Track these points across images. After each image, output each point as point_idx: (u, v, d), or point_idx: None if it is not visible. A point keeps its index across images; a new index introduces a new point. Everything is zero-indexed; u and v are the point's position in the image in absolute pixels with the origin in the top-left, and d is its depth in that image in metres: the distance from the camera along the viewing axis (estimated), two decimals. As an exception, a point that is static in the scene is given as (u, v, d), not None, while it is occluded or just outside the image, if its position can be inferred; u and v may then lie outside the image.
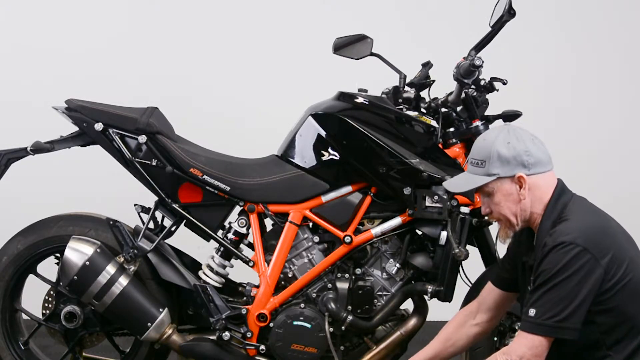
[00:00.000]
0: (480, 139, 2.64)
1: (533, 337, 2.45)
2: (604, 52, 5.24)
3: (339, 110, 3.27)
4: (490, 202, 2.59)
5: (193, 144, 3.42)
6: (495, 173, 2.54)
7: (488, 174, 2.55)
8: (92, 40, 4.98)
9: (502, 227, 2.63)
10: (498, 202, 2.56)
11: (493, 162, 2.54)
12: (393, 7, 5.15)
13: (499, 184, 2.55)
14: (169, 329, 3.25)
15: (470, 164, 2.61)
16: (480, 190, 2.61)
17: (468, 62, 3.13)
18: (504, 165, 2.53)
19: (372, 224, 3.29)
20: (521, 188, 2.53)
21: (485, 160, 2.55)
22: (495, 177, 2.54)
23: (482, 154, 2.57)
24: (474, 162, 2.59)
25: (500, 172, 2.54)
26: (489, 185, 2.56)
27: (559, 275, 2.41)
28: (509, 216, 2.57)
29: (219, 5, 5.09)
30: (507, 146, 2.53)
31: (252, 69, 5.05)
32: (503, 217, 2.58)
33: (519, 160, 2.53)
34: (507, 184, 2.54)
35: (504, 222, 2.60)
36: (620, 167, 5.18)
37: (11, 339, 3.42)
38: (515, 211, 2.56)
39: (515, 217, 2.57)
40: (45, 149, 3.31)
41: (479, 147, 2.60)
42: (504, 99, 3.32)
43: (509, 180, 2.54)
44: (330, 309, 3.21)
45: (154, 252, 3.29)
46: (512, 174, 2.53)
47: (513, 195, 2.55)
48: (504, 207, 2.56)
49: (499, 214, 2.59)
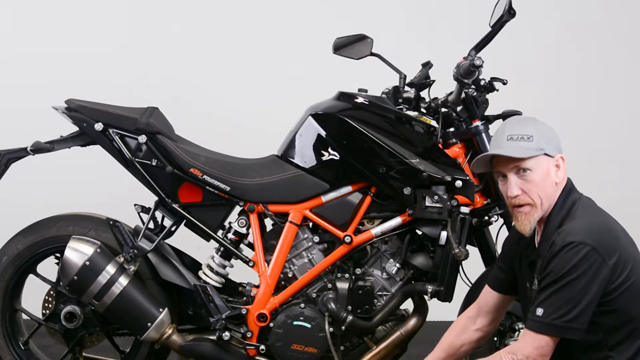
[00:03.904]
0: (514, 121, 2.61)
1: (540, 337, 2.44)
2: (604, 52, 5.24)
3: (339, 110, 3.27)
4: (525, 181, 2.52)
5: (193, 144, 3.42)
6: (543, 148, 2.51)
7: (538, 148, 2.51)
8: (92, 40, 4.98)
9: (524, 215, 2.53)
10: (537, 180, 2.51)
11: (540, 139, 2.51)
12: (393, 7, 5.16)
13: (542, 161, 2.52)
14: (169, 329, 3.25)
15: (512, 139, 2.54)
16: (517, 167, 2.52)
17: (468, 62, 3.13)
18: (549, 144, 2.52)
19: (372, 224, 3.29)
20: (558, 170, 2.52)
21: (533, 135, 2.52)
22: (542, 152, 2.51)
23: (528, 130, 2.53)
24: (517, 137, 2.53)
25: (547, 149, 2.52)
26: (532, 160, 2.51)
27: (568, 276, 2.40)
28: (542, 198, 2.51)
29: (219, 6, 5.10)
30: (548, 129, 2.54)
31: (252, 69, 5.05)
32: (538, 198, 2.51)
33: (556, 143, 2.54)
34: (547, 163, 2.52)
35: (535, 205, 2.52)
36: (622, 168, 5.18)
37: (11, 339, 3.42)
38: (548, 194, 2.52)
39: (547, 200, 2.52)
40: (45, 149, 3.31)
41: (520, 125, 2.56)
42: (504, 99, 3.32)
43: (550, 160, 2.52)
44: (330, 309, 3.21)
45: (154, 252, 3.28)
46: (554, 154, 2.53)
47: (550, 176, 2.52)
48: (540, 186, 2.51)
49: (534, 194, 2.51)
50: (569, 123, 5.02)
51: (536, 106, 4.66)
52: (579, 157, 4.87)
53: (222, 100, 5.01)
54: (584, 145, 5.07)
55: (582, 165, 4.77)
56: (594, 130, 5.17)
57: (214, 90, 5.01)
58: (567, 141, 2.75)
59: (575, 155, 4.75)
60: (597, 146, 5.17)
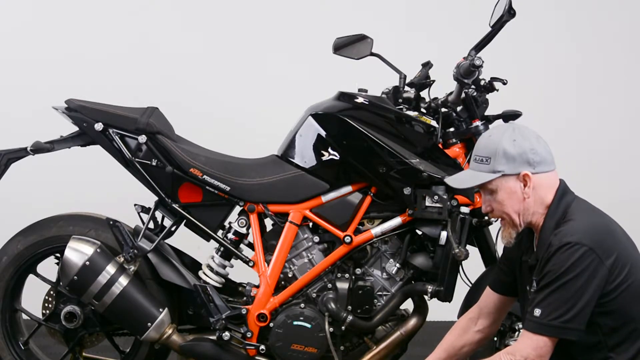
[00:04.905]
0: (485, 136, 2.62)
1: (538, 338, 2.43)
2: (604, 51, 5.23)
3: (339, 110, 3.27)
4: (492, 200, 2.57)
5: (193, 144, 3.42)
6: (500, 170, 2.52)
7: (493, 170, 2.52)
8: (92, 40, 4.98)
9: (505, 227, 2.59)
10: (501, 200, 2.54)
11: (498, 159, 2.52)
12: (393, 7, 5.15)
13: (503, 181, 2.52)
14: (169, 329, 3.25)
15: (474, 161, 2.59)
16: (482, 188, 2.58)
17: (468, 62, 3.13)
18: (509, 163, 2.51)
19: (372, 224, 3.29)
20: (525, 186, 2.52)
21: (491, 157, 2.53)
22: (500, 174, 2.52)
23: (487, 151, 2.54)
24: (478, 159, 2.57)
25: (506, 169, 2.52)
26: (492, 183, 2.54)
27: (565, 276, 2.40)
28: (512, 215, 2.54)
29: (219, 6, 5.10)
30: (513, 144, 2.51)
31: (252, 69, 5.05)
32: (506, 215, 2.55)
33: (524, 158, 2.51)
34: (512, 182, 2.52)
35: (507, 221, 2.57)
36: (622, 169, 5.17)
37: (11, 339, 3.41)
38: (518, 210, 2.54)
39: (518, 216, 2.54)
40: (45, 149, 3.31)
41: (484, 144, 2.58)
42: (504, 99, 3.32)
43: (514, 178, 2.52)
44: (330, 309, 3.21)
45: (154, 252, 3.28)
46: (517, 172, 2.51)
47: (517, 193, 2.52)
48: (507, 205, 2.54)
49: (501, 212, 2.56)
50: (568, 123, 5.04)
51: (536, 106, 4.69)
52: (579, 157, 4.90)
53: (222, 100, 5.01)
54: (584, 145, 5.07)
55: (582, 165, 4.79)
56: (593, 130, 5.16)
57: (214, 90, 5.01)
58: (567, 141, 2.78)
59: (575, 155, 4.76)
60: (597, 146, 5.16)
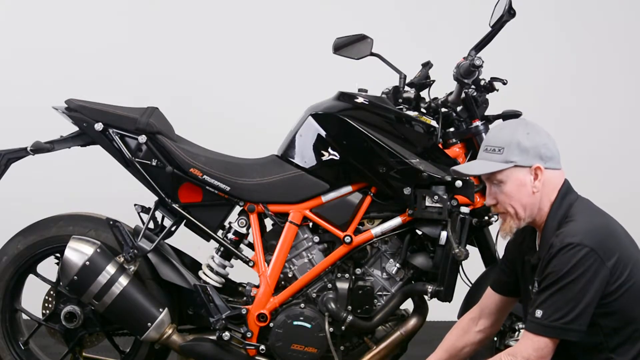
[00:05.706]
0: (497, 129, 2.61)
1: (539, 339, 2.43)
2: (604, 51, 5.24)
3: (339, 110, 3.27)
4: (499, 192, 2.54)
5: (193, 144, 3.42)
6: (513, 160, 2.50)
7: (506, 160, 2.51)
8: (92, 40, 4.98)
9: (506, 221, 2.57)
10: (509, 191, 2.52)
11: (512, 150, 2.51)
12: (393, 7, 5.16)
13: (514, 172, 2.51)
14: (169, 329, 3.25)
15: (485, 151, 2.57)
16: (490, 179, 2.56)
17: (468, 62, 3.13)
18: (522, 154, 2.50)
19: (372, 224, 3.29)
20: (536, 180, 2.51)
21: (504, 147, 2.52)
22: (512, 164, 2.50)
23: (501, 142, 2.53)
24: (490, 149, 2.55)
25: (519, 160, 2.50)
26: (502, 173, 2.52)
27: (567, 277, 2.39)
28: (517, 208, 2.52)
29: (219, 5, 5.10)
30: (527, 136, 2.51)
31: (252, 69, 5.05)
32: (511, 208, 2.53)
33: (537, 151, 2.50)
34: (523, 174, 2.51)
35: (510, 215, 2.54)
36: (621, 168, 5.18)
37: (11, 339, 3.41)
38: (525, 203, 2.52)
39: (524, 209, 2.52)
40: (45, 149, 3.31)
41: (497, 135, 2.57)
42: (504, 99, 3.32)
43: (525, 170, 2.51)
44: (330, 309, 3.21)
45: (154, 252, 3.28)
46: (529, 164, 2.50)
47: (526, 186, 2.51)
48: (514, 197, 2.52)
49: (507, 204, 2.53)
50: (568, 123, 5.04)
51: (536, 106, 4.68)
52: (579, 156, 4.89)
53: (222, 100, 5.01)
54: (584, 145, 5.07)
55: (582, 165, 4.79)
56: (593, 129, 5.17)
57: (214, 90, 5.01)
58: (567, 141, 2.77)
59: (574, 155, 4.76)
60: (597, 145, 5.17)
